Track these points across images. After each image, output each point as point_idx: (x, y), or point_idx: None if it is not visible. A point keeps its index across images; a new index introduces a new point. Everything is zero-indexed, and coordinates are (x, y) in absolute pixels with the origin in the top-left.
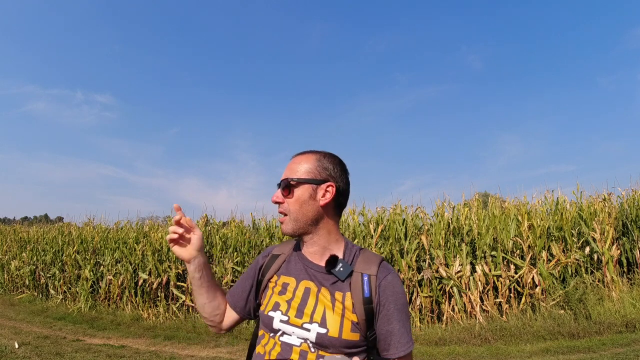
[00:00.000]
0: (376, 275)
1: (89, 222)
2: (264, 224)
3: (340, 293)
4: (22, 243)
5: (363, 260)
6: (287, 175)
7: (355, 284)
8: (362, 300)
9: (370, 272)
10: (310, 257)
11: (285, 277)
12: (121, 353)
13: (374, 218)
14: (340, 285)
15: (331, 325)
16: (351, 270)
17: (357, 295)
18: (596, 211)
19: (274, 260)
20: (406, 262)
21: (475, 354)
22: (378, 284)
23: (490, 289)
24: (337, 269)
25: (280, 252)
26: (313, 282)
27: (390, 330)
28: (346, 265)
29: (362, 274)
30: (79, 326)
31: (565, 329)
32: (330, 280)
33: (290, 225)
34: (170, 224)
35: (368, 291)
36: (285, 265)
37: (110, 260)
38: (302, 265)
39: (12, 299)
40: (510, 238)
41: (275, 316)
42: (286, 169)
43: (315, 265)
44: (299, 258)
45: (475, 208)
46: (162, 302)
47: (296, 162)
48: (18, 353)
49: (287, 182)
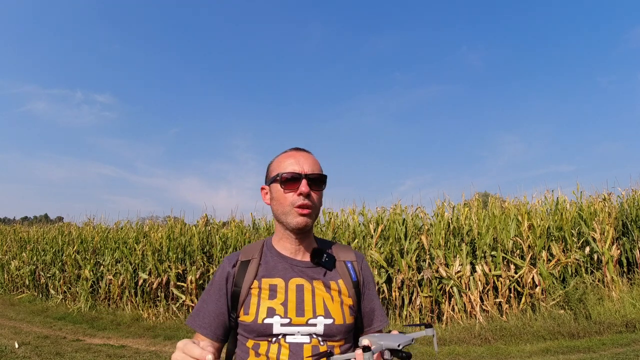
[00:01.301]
0: (356, 260)
1: (89, 222)
2: (264, 224)
3: (333, 282)
4: (22, 243)
5: (339, 249)
6: (318, 171)
7: (342, 270)
8: (352, 284)
9: (351, 259)
10: (292, 255)
11: (268, 279)
12: (121, 353)
13: (374, 218)
14: (330, 274)
15: (335, 314)
16: (335, 259)
17: (347, 280)
18: (596, 211)
19: (245, 267)
20: (406, 262)
21: (475, 354)
22: (360, 268)
23: (490, 289)
24: (324, 260)
25: (249, 257)
26: (304, 278)
27: (373, 307)
28: (330, 255)
29: (345, 261)
30: (79, 326)
31: (565, 329)
32: (320, 273)
33: (313, 218)
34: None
35: (355, 276)
36: (264, 268)
37: (110, 260)
38: (286, 264)
39: (12, 299)
40: (510, 238)
41: (273, 322)
42: (306, 161)
43: (299, 261)
44: (280, 258)
45: (475, 208)
46: (162, 302)
47: (313, 158)
48: (18, 353)
49: (323, 178)
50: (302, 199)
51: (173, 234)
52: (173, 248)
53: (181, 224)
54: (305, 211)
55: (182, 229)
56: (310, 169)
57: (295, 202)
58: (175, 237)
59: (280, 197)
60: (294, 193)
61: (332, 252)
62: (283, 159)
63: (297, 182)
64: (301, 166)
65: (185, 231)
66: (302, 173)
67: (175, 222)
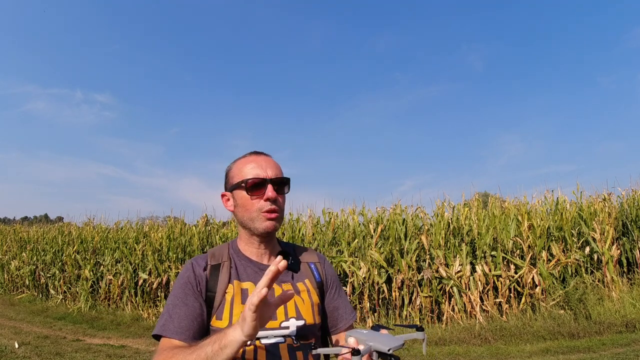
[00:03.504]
0: (319, 262)
1: (89, 222)
2: None
3: (301, 283)
4: (22, 243)
5: (302, 252)
6: (282, 174)
7: (307, 272)
8: (316, 285)
9: (314, 260)
10: (258, 259)
11: (240, 283)
12: (121, 353)
13: (374, 218)
14: (297, 276)
15: (306, 315)
16: (299, 261)
17: (312, 281)
18: (596, 211)
19: (217, 271)
20: (406, 262)
21: (475, 354)
22: (323, 269)
23: (490, 289)
24: (290, 263)
25: (218, 261)
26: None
27: (337, 306)
28: (295, 257)
29: (308, 263)
30: (79, 326)
31: (565, 329)
32: (288, 275)
33: (279, 223)
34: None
35: (318, 276)
36: (234, 272)
37: (110, 260)
38: (255, 268)
39: (12, 299)
40: (510, 238)
41: None
42: (272, 167)
43: (267, 265)
44: (247, 262)
45: (475, 208)
46: (162, 302)
47: (274, 161)
48: (18, 353)
49: (287, 181)
50: (269, 204)
51: (173, 234)
52: (173, 248)
53: (181, 224)
54: (273, 215)
55: (182, 229)
56: (274, 173)
57: (262, 208)
58: (175, 237)
59: (247, 204)
60: (260, 199)
61: (296, 254)
62: (243, 164)
63: (262, 188)
64: (264, 171)
65: (185, 231)
66: (266, 178)
67: (175, 222)
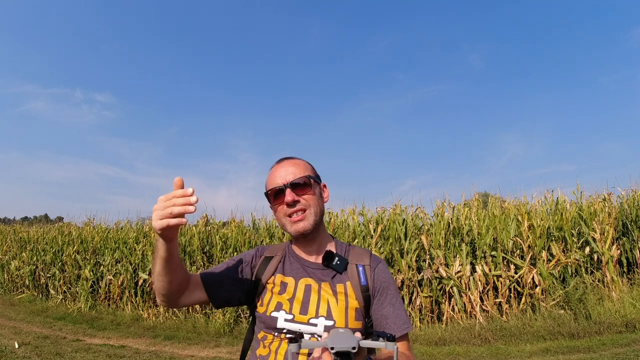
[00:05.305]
0: (369, 265)
1: (89, 222)
2: (264, 224)
3: (341, 284)
4: (22, 243)
5: (355, 253)
6: (300, 174)
7: (352, 273)
8: (360, 288)
9: (364, 263)
10: (305, 257)
11: (282, 277)
12: (121, 353)
13: (374, 218)
14: (339, 277)
15: (337, 317)
16: (347, 262)
17: (356, 283)
18: (596, 211)
19: (267, 262)
20: (406, 262)
21: (475, 354)
22: (372, 272)
23: (490, 289)
24: (335, 263)
25: (273, 254)
26: (312, 279)
27: (385, 314)
28: (342, 258)
29: (357, 264)
30: (79, 326)
31: (565, 329)
32: (329, 275)
33: (312, 219)
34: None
35: (364, 279)
36: (281, 266)
37: (110, 260)
38: (299, 264)
39: (12, 299)
40: (510, 238)
41: (279, 316)
42: (287, 172)
43: (311, 263)
44: (294, 258)
45: (475, 208)
46: None
47: (294, 164)
48: (18, 353)
49: (308, 179)
50: (291, 209)
51: None
52: None
53: None
54: (298, 217)
55: (182, 229)
56: (292, 177)
57: (286, 213)
58: None
59: (275, 212)
60: (283, 205)
61: (347, 255)
62: (269, 177)
63: (282, 195)
64: (282, 178)
65: (185, 231)
66: (284, 184)
67: None
